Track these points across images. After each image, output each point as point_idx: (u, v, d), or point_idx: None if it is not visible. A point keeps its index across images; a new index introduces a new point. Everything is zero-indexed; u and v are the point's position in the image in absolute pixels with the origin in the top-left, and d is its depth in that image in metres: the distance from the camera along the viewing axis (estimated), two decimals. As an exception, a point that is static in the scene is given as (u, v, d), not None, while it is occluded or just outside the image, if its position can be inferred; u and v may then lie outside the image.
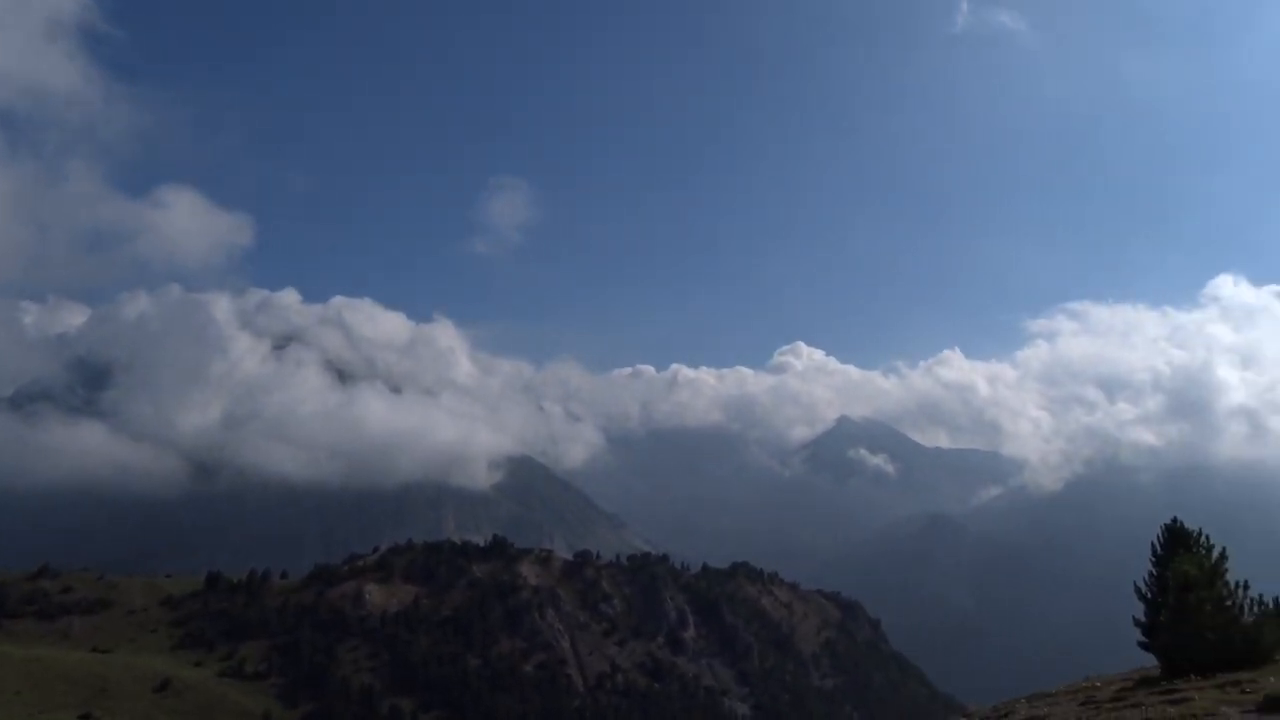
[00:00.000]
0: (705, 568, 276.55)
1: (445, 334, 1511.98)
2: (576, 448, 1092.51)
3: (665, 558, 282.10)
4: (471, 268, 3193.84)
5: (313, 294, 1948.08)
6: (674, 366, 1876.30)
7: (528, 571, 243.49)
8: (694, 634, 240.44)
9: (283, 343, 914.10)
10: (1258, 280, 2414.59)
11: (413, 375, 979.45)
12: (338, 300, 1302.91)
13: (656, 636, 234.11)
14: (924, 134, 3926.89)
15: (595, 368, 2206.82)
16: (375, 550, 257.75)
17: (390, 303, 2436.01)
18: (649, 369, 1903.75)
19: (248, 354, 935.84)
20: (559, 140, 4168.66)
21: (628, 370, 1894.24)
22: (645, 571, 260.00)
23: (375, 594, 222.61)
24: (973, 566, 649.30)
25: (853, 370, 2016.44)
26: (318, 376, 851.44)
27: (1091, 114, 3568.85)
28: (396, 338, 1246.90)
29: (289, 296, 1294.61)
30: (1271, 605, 28.88)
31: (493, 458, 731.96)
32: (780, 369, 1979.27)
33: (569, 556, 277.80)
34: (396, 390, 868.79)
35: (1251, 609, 24.62)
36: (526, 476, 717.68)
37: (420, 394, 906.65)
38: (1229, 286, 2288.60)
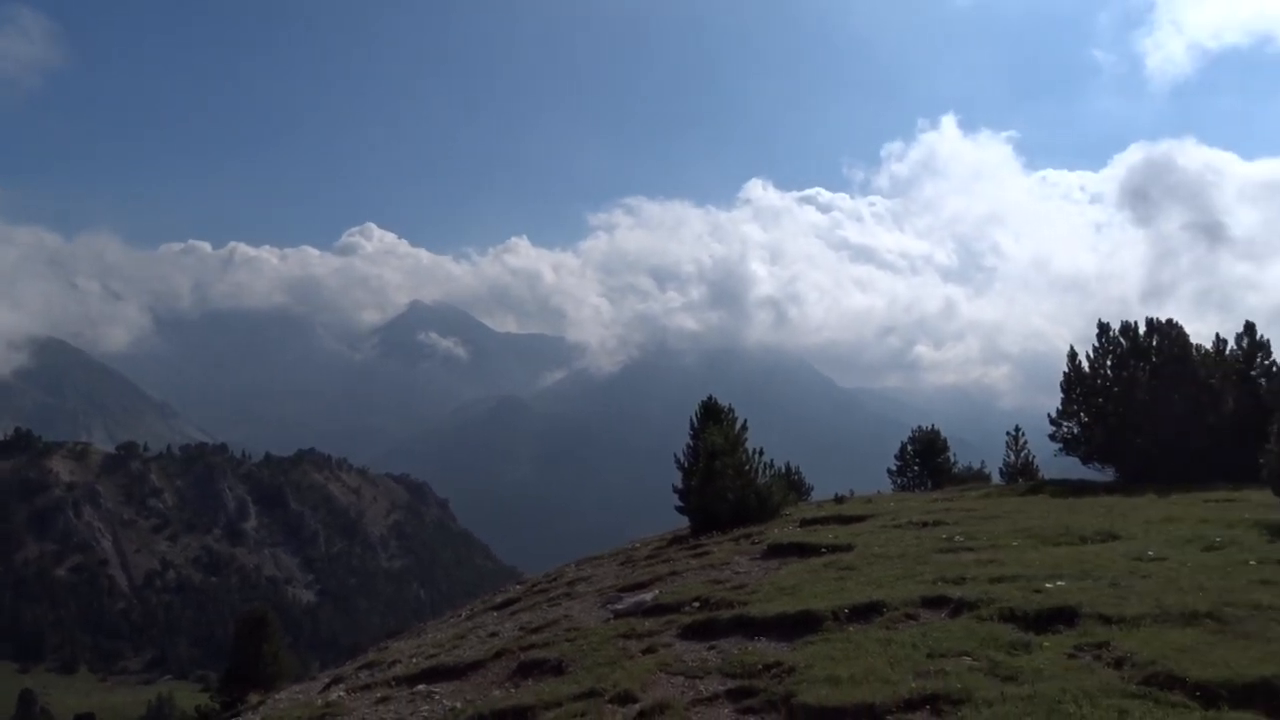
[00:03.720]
0: (268, 456, 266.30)
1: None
2: (118, 330, 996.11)
3: (224, 447, 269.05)
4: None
5: None
6: (232, 244, 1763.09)
7: (60, 467, 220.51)
8: (255, 524, 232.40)
9: None
10: (783, 185, 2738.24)
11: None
12: None
13: (213, 529, 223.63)
14: (497, 24, 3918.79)
15: (139, 242, 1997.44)
16: None
17: None
18: (203, 245, 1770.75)
19: None
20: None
21: (178, 246, 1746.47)
22: (201, 462, 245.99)
23: None
24: (538, 445, 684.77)
25: (424, 254, 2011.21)
26: None
27: (645, 18, 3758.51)
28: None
29: None
30: (782, 469, 33.24)
31: (12, 339, 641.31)
32: (349, 250, 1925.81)
33: (111, 449, 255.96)
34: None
35: (765, 472, 28.11)
36: (56, 361, 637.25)
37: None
38: (759, 190, 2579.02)
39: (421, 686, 13.90)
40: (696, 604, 15.22)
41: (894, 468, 41.86)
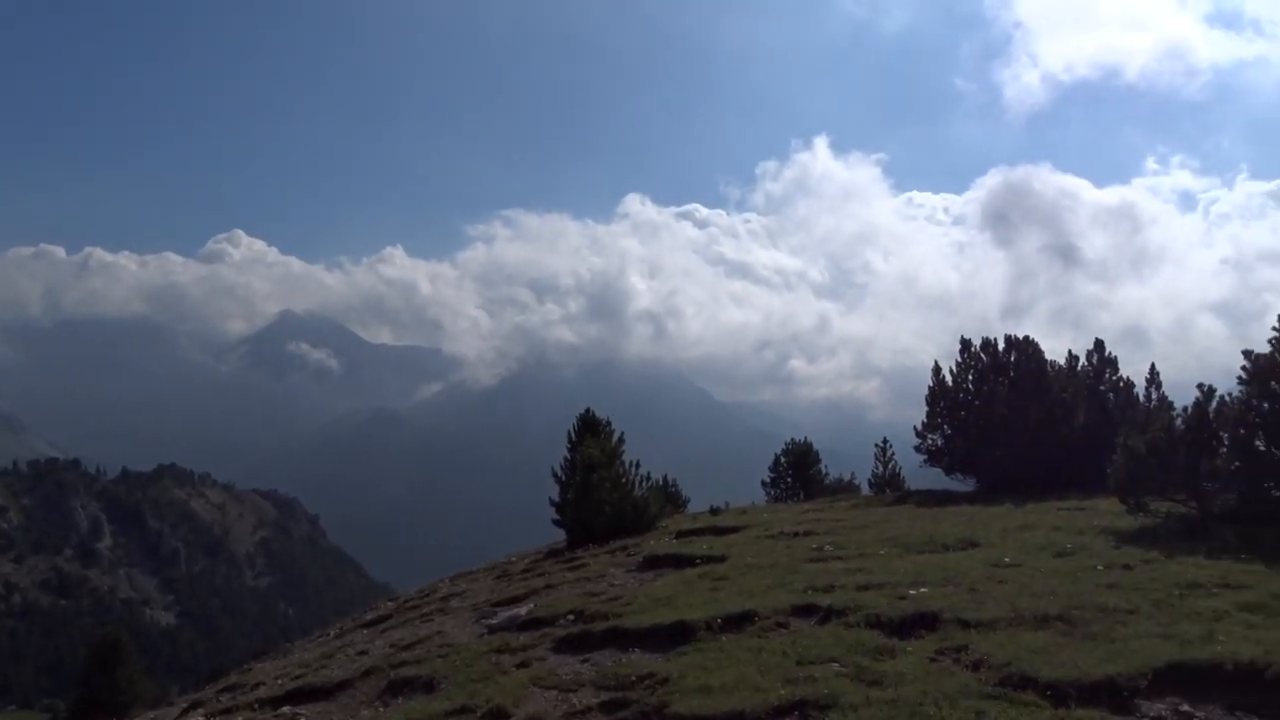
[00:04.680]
0: (125, 472, 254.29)
1: None
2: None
3: (76, 463, 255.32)
4: None
5: None
6: (88, 249, 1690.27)
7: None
8: (110, 543, 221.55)
9: None
10: (661, 201, 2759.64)
11: None
12: None
13: (64, 549, 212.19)
14: (374, 32, 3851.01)
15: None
16: None
17: None
18: (56, 250, 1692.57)
19: None
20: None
21: (29, 250, 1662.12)
22: (51, 479, 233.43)
23: None
24: (413, 459, 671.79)
25: (295, 263, 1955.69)
26: None
27: (523, 31, 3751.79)
28: None
29: None
30: (659, 481, 33.48)
31: None
32: (215, 258, 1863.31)
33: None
34: None
35: (642, 484, 28.26)
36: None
37: None
38: (638, 204, 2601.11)
39: (286, 709, 13.44)
40: (571, 617, 15.17)
41: (768, 479, 42.52)
